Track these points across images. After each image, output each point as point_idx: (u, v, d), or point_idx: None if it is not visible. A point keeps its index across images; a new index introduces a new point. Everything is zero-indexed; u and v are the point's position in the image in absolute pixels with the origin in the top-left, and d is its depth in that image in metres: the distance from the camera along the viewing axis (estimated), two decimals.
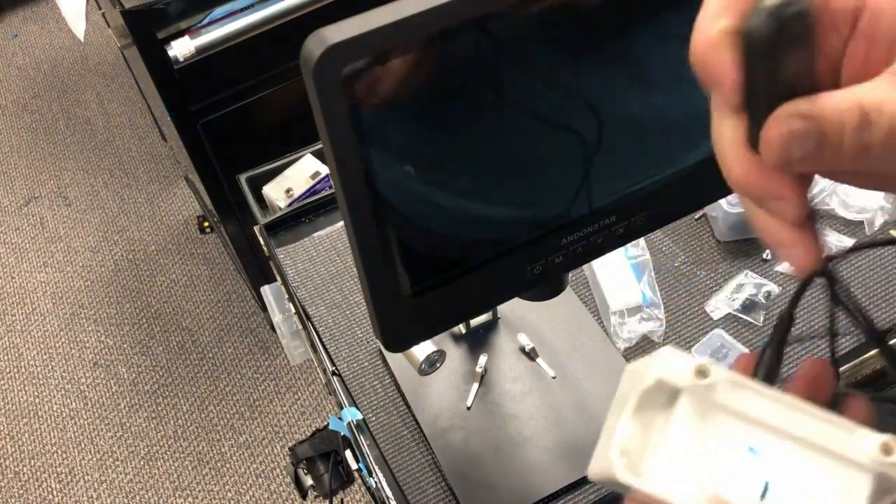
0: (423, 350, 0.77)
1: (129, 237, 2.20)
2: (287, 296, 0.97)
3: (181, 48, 1.23)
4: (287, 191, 1.07)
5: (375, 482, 0.78)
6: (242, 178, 1.07)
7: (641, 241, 0.89)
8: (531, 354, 0.82)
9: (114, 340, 1.99)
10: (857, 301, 0.31)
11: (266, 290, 1.07)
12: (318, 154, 1.09)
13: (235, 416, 1.83)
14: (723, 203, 0.87)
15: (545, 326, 0.84)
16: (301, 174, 1.08)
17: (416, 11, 0.39)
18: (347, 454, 0.94)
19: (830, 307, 0.31)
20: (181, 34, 1.24)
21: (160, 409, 1.86)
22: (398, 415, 0.80)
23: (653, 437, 0.28)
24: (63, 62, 2.73)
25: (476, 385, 0.80)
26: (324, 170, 1.08)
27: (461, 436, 0.77)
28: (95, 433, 1.84)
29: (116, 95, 2.59)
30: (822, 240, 0.30)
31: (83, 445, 1.82)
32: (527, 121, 0.49)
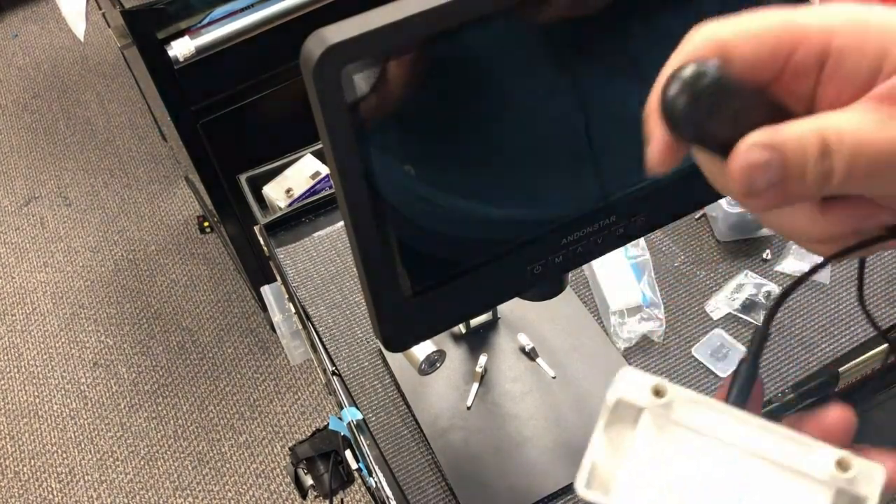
0: (423, 350, 0.77)
1: (129, 237, 2.20)
2: (287, 296, 0.97)
3: (181, 48, 1.23)
4: (287, 191, 1.07)
5: (375, 482, 0.78)
6: (242, 178, 1.07)
7: (641, 241, 0.89)
8: (531, 354, 0.82)
9: (114, 340, 1.99)
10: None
11: (266, 290, 1.07)
12: (318, 154, 1.09)
13: (235, 416, 1.83)
14: (723, 203, 0.87)
15: (545, 326, 0.84)
16: (301, 174, 1.08)
17: (416, 11, 0.39)
18: (347, 454, 0.94)
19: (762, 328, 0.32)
20: (181, 34, 1.24)
21: (160, 409, 1.86)
22: (398, 415, 0.80)
23: (623, 454, 0.29)
24: (63, 62, 2.73)
25: (476, 385, 0.80)
26: (324, 170, 1.08)
27: (461, 436, 0.77)
28: (95, 433, 1.84)
29: (116, 95, 2.59)
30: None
31: (83, 445, 1.82)
32: (526, 121, 0.49)
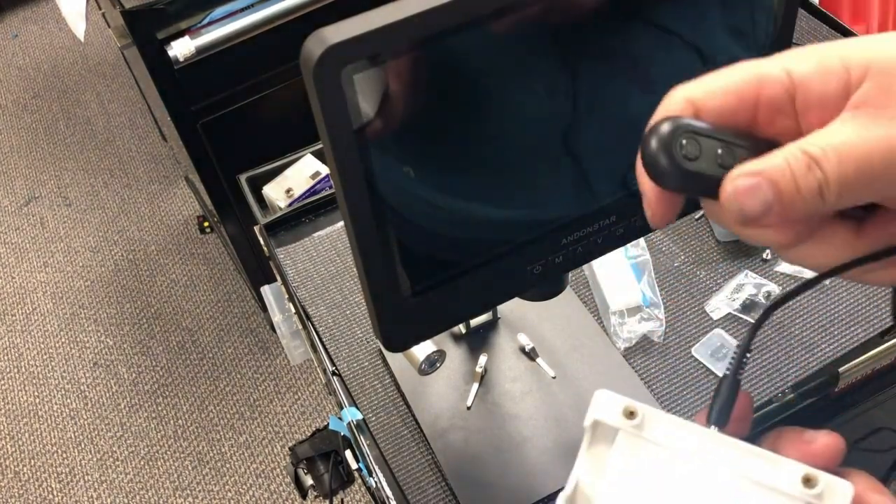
0: (423, 350, 0.77)
1: (129, 237, 2.20)
2: (287, 296, 0.97)
3: (181, 48, 1.23)
4: (287, 191, 1.07)
5: (375, 482, 0.78)
6: (242, 178, 1.07)
7: (641, 241, 0.89)
8: (531, 354, 0.82)
9: (114, 340, 1.99)
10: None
11: (266, 290, 1.07)
12: (318, 154, 1.09)
13: (235, 416, 1.83)
14: None
15: (545, 326, 0.84)
16: (301, 174, 1.08)
17: (416, 12, 0.39)
18: (347, 454, 0.94)
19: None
20: (181, 34, 1.24)
21: (160, 409, 1.86)
22: (398, 415, 0.80)
23: (603, 472, 0.31)
24: (63, 62, 2.73)
25: (476, 385, 0.80)
26: (324, 170, 1.08)
27: (461, 436, 0.77)
28: (95, 433, 1.84)
29: (116, 95, 2.59)
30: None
31: (83, 445, 1.82)
32: (526, 122, 0.49)
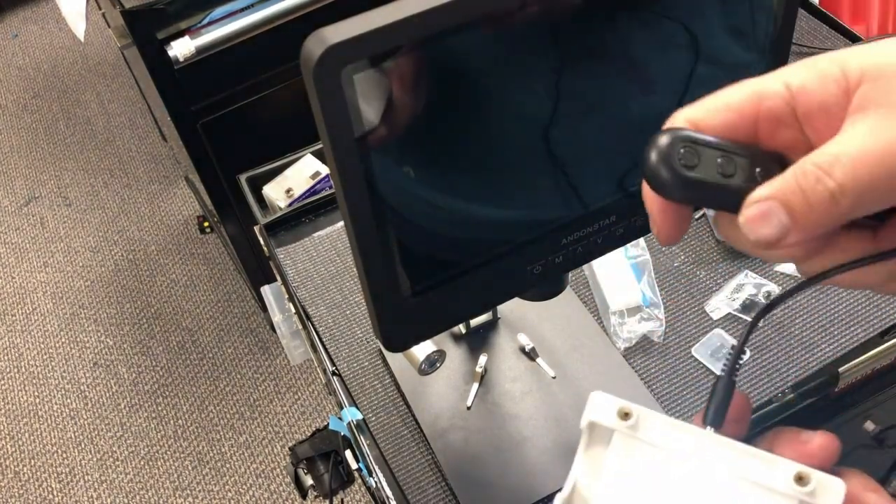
0: (423, 350, 0.77)
1: (129, 237, 2.20)
2: (287, 296, 0.97)
3: (181, 48, 1.23)
4: (287, 191, 1.07)
5: (375, 482, 0.78)
6: (242, 178, 1.07)
7: (641, 241, 0.89)
8: (531, 354, 0.82)
9: (114, 340, 1.99)
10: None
11: (266, 290, 1.07)
12: (318, 154, 1.09)
13: (235, 416, 1.83)
14: None
15: (545, 326, 0.84)
16: (301, 174, 1.08)
17: (416, 12, 0.39)
18: (347, 454, 0.94)
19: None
20: (181, 34, 1.24)
21: (160, 409, 1.86)
22: (398, 415, 0.80)
23: (600, 473, 0.31)
24: (63, 62, 2.73)
25: (476, 385, 0.80)
26: (324, 170, 1.08)
27: (461, 436, 0.77)
28: (95, 433, 1.84)
29: (116, 95, 2.59)
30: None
31: (83, 445, 1.82)
32: (527, 122, 0.49)
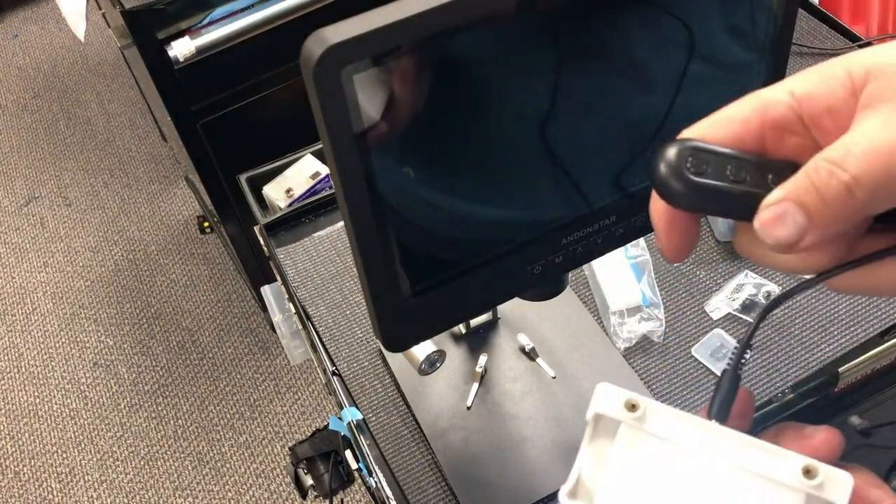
0: (423, 350, 0.77)
1: (129, 237, 2.20)
2: (287, 296, 0.97)
3: (181, 48, 1.23)
4: (287, 191, 1.07)
5: (375, 482, 0.78)
6: (242, 178, 1.07)
7: (641, 241, 0.89)
8: (531, 354, 0.82)
9: (114, 340, 1.99)
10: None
11: (266, 290, 1.07)
12: (318, 154, 1.09)
13: (235, 416, 1.83)
14: None
15: (545, 326, 0.84)
16: (301, 174, 1.08)
17: (417, 12, 0.39)
18: (347, 454, 0.94)
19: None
20: (181, 34, 1.24)
21: (160, 409, 1.86)
22: (398, 415, 0.80)
23: (606, 465, 0.31)
24: (63, 62, 2.73)
25: (476, 385, 0.80)
26: (324, 170, 1.08)
27: (461, 436, 0.77)
28: (95, 433, 1.84)
29: (116, 95, 2.59)
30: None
31: (83, 445, 1.82)
32: (527, 122, 0.49)
